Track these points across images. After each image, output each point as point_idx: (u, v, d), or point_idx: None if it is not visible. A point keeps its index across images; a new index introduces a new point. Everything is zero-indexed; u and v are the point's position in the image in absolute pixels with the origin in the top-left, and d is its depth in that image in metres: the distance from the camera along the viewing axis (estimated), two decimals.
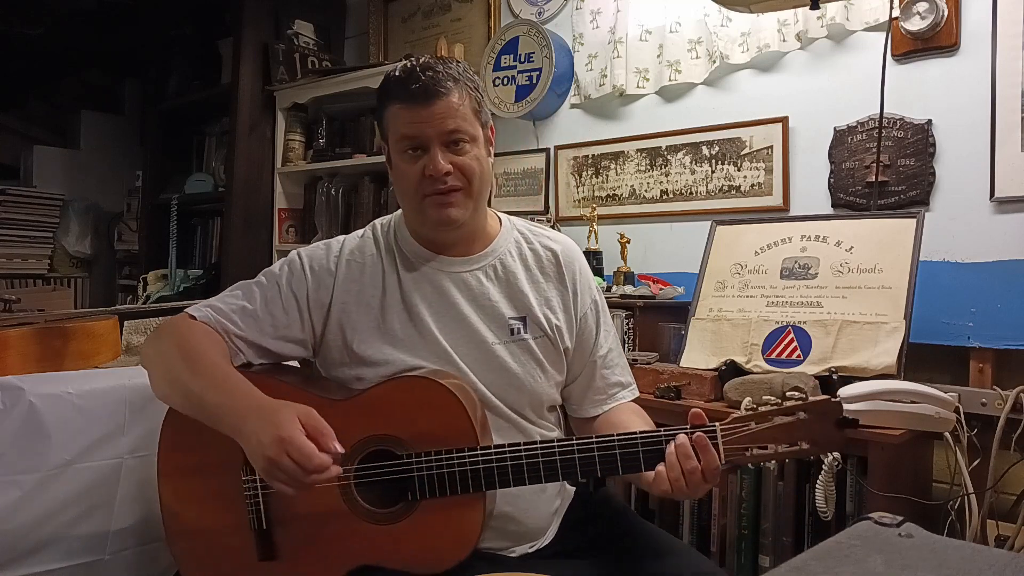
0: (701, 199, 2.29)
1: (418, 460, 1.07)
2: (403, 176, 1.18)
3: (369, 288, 1.22)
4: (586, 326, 1.29)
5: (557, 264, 1.28)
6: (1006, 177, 1.76)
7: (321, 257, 1.24)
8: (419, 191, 1.16)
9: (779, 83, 2.14)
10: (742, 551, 1.65)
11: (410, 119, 1.14)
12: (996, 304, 1.76)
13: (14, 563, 1.29)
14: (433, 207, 1.17)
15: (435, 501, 1.07)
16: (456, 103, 1.15)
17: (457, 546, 1.07)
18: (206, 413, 1.08)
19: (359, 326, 1.20)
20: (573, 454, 1.06)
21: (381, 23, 3.24)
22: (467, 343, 1.20)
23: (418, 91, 1.13)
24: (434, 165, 1.13)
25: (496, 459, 1.06)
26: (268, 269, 1.26)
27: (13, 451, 1.30)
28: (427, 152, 1.15)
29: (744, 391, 1.63)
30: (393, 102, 1.17)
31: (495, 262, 1.25)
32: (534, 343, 1.23)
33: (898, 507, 1.31)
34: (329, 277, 1.22)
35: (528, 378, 1.22)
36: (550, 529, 1.25)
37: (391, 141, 1.19)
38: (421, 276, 1.23)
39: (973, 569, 0.66)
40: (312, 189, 3.11)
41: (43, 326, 1.62)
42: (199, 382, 1.08)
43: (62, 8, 3.58)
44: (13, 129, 4.04)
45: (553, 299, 1.26)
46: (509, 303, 1.23)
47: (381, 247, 1.25)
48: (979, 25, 1.81)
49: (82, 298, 3.92)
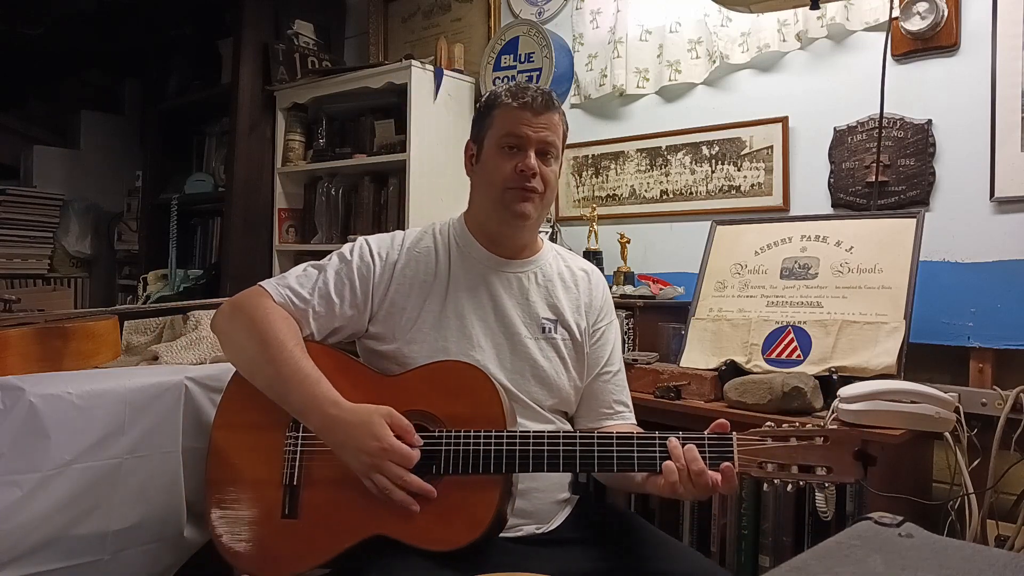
0: (701, 199, 2.29)
1: (447, 436, 1.15)
2: (494, 168, 1.31)
3: (422, 275, 1.34)
4: (601, 339, 1.41)
5: (589, 282, 1.44)
6: (1006, 177, 1.76)
7: (387, 245, 1.37)
8: (505, 183, 1.29)
9: (779, 83, 2.14)
10: (742, 551, 1.65)
11: (520, 120, 1.29)
12: (996, 304, 1.76)
13: (14, 563, 1.29)
14: (514, 200, 1.29)
15: (456, 479, 1.13)
16: (557, 122, 1.33)
17: (470, 526, 1.11)
18: (290, 407, 1.20)
19: (407, 308, 1.31)
20: (593, 445, 1.13)
21: (381, 23, 3.24)
22: (502, 333, 1.32)
23: (535, 98, 1.30)
24: (528, 163, 1.28)
25: (520, 442, 1.13)
26: (338, 252, 1.36)
27: (13, 451, 1.30)
28: (523, 151, 1.29)
29: (744, 391, 1.63)
30: (507, 102, 1.31)
31: (537, 270, 1.39)
32: (562, 343, 1.35)
33: (898, 507, 1.30)
34: (392, 264, 1.34)
35: (553, 373, 1.33)
36: (557, 516, 1.31)
37: (492, 136, 1.32)
38: (472, 269, 1.35)
39: (973, 569, 0.66)
40: (312, 189, 3.10)
41: (43, 326, 1.62)
42: (282, 376, 1.19)
43: (62, 8, 3.57)
44: (13, 129, 4.04)
45: (581, 306, 1.40)
46: (545, 305, 1.36)
47: (438, 241, 1.38)
48: (979, 25, 1.81)
49: (82, 298, 3.91)
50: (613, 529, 1.29)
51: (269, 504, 1.21)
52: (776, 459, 1.06)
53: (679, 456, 1.08)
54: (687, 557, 1.21)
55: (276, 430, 1.23)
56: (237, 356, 1.29)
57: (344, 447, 1.14)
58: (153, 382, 1.49)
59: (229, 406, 1.30)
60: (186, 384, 1.52)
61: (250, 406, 1.26)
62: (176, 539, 1.51)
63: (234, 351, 1.29)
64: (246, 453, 1.25)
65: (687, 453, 1.08)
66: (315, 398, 1.17)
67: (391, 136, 2.81)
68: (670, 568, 1.17)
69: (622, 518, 1.35)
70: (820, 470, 1.05)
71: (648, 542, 1.23)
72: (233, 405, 1.30)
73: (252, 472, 1.24)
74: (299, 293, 1.29)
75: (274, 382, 1.21)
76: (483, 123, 1.36)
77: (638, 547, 1.22)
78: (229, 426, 1.29)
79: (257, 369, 1.23)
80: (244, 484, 1.24)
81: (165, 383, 1.50)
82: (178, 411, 1.50)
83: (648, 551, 1.21)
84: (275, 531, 1.20)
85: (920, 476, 1.70)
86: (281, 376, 1.19)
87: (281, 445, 1.23)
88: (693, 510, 1.75)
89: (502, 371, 1.29)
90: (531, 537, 1.25)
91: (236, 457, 1.26)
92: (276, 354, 1.20)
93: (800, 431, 1.07)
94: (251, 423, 1.26)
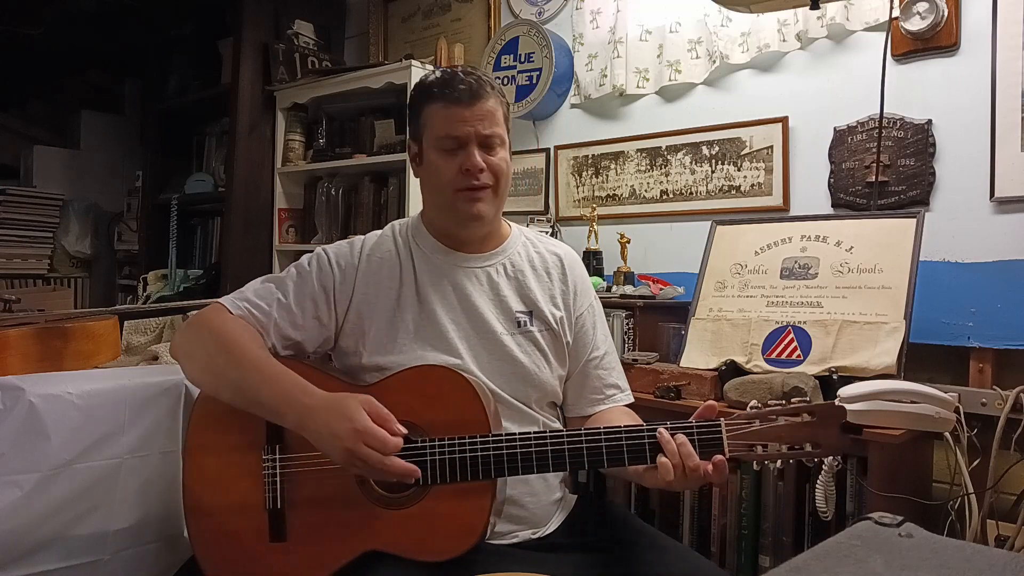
0: (701, 199, 2.29)
1: (431, 445, 1.10)
2: (438, 172, 1.25)
3: (387, 281, 1.29)
4: (584, 325, 1.36)
5: (561, 267, 1.37)
6: (1006, 177, 1.76)
7: (346, 253, 1.31)
8: (452, 186, 1.24)
9: (779, 83, 2.14)
10: (742, 551, 1.65)
11: (453, 118, 1.23)
12: (996, 304, 1.76)
13: (14, 563, 1.29)
14: (464, 202, 1.24)
15: (445, 488, 1.10)
16: (493, 107, 1.25)
17: (463, 534, 1.09)
18: (262, 408, 1.13)
19: (375, 316, 1.27)
20: (581, 443, 1.10)
21: (381, 23, 3.24)
22: (477, 333, 1.27)
23: (463, 93, 1.22)
24: (472, 161, 1.22)
25: (507, 446, 1.10)
26: (296, 264, 1.32)
27: (13, 451, 1.30)
28: (464, 150, 1.23)
29: (744, 391, 1.63)
30: (435, 101, 1.25)
31: (505, 260, 1.34)
32: (539, 335, 1.30)
33: (898, 507, 1.30)
34: (352, 271, 1.29)
35: (534, 367, 1.28)
36: (552, 520, 1.28)
37: (429, 138, 1.26)
38: (437, 270, 1.30)
39: (973, 569, 0.66)
40: (312, 189, 3.10)
41: (43, 326, 1.62)
42: (250, 377, 1.14)
43: (62, 8, 3.57)
44: (13, 129, 4.04)
45: (557, 296, 1.35)
46: (518, 297, 1.31)
47: (399, 244, 1.33)
48: (979, 25, 1.81)
49: (82, 298, 3.91)
50: (611, 533, 1.26)
51: (255, 529, 1.17)
52: (765, 440, 1.07)
53: (674, 452, 1.06)
54: (686, 560, 1.19)
55: (251, 452, 1.18)
56: (199, 370, 1.22)
57: (320, 436, 1.07)
58: (153, 382, 1.49)
59: (198, 431, 1.24)
60: (186, 384, 1.51)
61: (220, 429, 1.21)
62: (176, 539, 1.51)
63: (196, 366, 1.23)
64: (224, 479, 1.20)
65: (681, 449, 1.06)
66: (286, 392, 1.11)
67: (391, 136, 2.81)
68: (669, 572, 1.15)
69: (621, 521, 1.31)
70: (809, 447, 1.06)
71: (647, 546, 1.21)
72: (201, 429, 1.24)
73: (233, 498, 1.19)
74: (259, 306, 1.24)
75: (241, 386, 1.14)
76: (417, 122, 1.30)
77: (636, 551, 1.20)
78: (202, 450, 1.23)
79: (222, 377, 1.17)
80: (227, 511, 1.19)
81: (165, 383, 1.50)
82: (178, 411, 1.51)
83: (646, 555, 1.19)
84: (265, 556, 1.16)
85: (920, 476, 1.70)
86: (247, 378, 1.14)
87: (259, 469, 1.18)
88: (693, 510, 1.75)
89: (481, 372, 1.24)
90: (527, 543, 1.22)
91: (214, 484, 1.21)
92: (240, 357, 1.15)
93: (786, 409, 1.08)
94: (223, 446, 1.21)
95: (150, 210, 3.72)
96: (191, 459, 1.24)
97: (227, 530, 1.19)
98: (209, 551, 1.20)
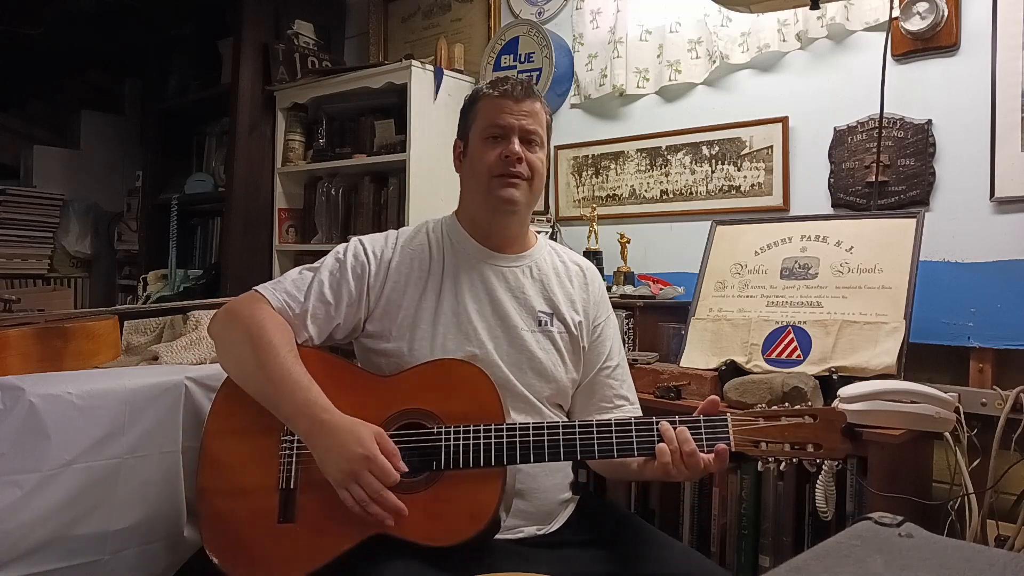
0: (701, 199, 2.29)
1: (446, 432, 1.15)
2: (480, 159, 1.33)
3: (417, 271, 1.35)
4: (601, 335, 1.42)
5: (584, 277, 1.45)
6: (1006, 177, 1.76)
7: (381, 244, 1.38)
8: (491, 171, 1.31)
9: (779, 83, 2.14)
10: (742, 551, 1.65)
11: (501, 109, 1.32)
12: (996, 304, 1.76)
13: (14, 563, 1.29)
14: (501, 187, 1.31)
15: (457, 473, 1.14)
16: (539, 110, 1.35)
17: (471, 519, 1.11)
18: (279, 413, 1.19)
19: (404, 302, 1.33)
20: (592, 432, 1.15)
21: (381, 23, 3.24)
22: (499, 326, 1.33)
23: (514, 87, 1.33)
24: (512, 148, 1.30)
25: (520, 434, 1.14)
26: (333, 253, 1.37)
27: (13, 451, 1.30)
28: (507, 139, 1.31)
29: (744, 391, 1.63)
30: (488, 94, 1.35)
31: (531, 264, 1.41)
32: (559, 336, 1.36)
33: (898, 507, 1.31)
34: (387, 262, 1.35)
35: (550, 364, 1.34)
36: (557, 518, 1.31)
37: (476, 128, 1.35)
38: (467, 265, 1.37)
39: (973, 569, 0.66)
40: (312, 189, 3.10)
41: (43, 326, 1.62)
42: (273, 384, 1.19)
43: (62, 8, 3.57)
44: (13, 129, 4.04)
45: (577, 302, 1.41)
46: (541, 298, 1.38)
47: (431, 239, 1.39)
48: (979, 25, 1.81)
49: (82, 298, 3.91)
50: (614, 530, 1.29)
51: (265, 510, 1.20)
52: (768, 438, 1.11)
53: (672, 438, 1.11)
54: (687, 558, 1.21)
55: (270, 435, 1.22)
56: (230, 362, 1.28)
57: (328, 451, 1.12)
58: (153, 382, 1.49)
59: (221, 412, 1.29)
60: (186, 384, 1.52)
61: (243, 411, 1.24)
62: (176, 539, 1.51)
63: (228, 357, 1.29)
64: (241, 459, 1.24)
65: (679, 435, 1.11)
66: (306, 403, 1.16)
67: (391, 136, 2.81)
68: (670, 570, 1.17)
69: (623, 519, 1.35)
70: (811, 447, 1.10)
71: (649, 543, 1.24)
72: (225, 411, 1.29)
73: (247, 478, 1.22)
74: (295, 297, 1.30)
75: (265, 387, 1.20)
76: (467, 118, 1.38)
77: (639, 548, 1.23)
78: (222, 433, 1.28)
79: (249, 375, 1.23)
80: (239, 491, 1.22)
81: (165, 383, 1.50)
82: (178, 411, 1.51)
83: (649, 552, 1.21)
84: (271, 537, 1.18)
85: (920, 476, 1.70)
86: (272, 382, 1.18)
87: (276, 450, 1.22)
88: (693, 509, 1.75)
89: (501, 363, 1.30)
90: (532, 539, 1.25)
91: (231, 464, 1.25)
92: (268, 360, 1.19)
93: (789, 410, 1.13)
94: (244, 428, 1.25)
95: (150, 210, 3.71)
96: (210, 440, 1.28)
97: (237, 510, 1.22)
98: (216, 532, 1.22)
